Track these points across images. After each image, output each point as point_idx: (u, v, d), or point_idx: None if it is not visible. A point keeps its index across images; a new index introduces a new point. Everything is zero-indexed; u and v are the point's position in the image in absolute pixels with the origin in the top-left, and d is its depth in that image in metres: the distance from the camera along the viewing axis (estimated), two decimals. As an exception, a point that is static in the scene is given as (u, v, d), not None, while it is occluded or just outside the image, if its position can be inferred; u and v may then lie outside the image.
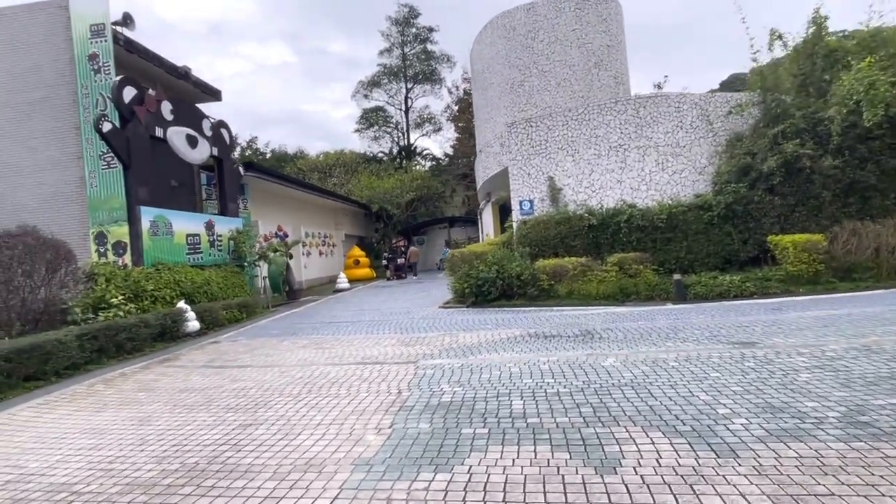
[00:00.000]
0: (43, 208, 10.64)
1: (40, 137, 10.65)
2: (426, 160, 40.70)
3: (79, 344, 7.38)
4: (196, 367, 7.09)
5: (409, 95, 38.45)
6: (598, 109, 13.39)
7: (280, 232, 19.82)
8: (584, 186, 13.26)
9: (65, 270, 8.42)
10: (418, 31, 37.56)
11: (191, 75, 13.40)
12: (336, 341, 8.23)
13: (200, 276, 11.41)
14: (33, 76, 10.65)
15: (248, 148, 40.84)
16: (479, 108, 23.10)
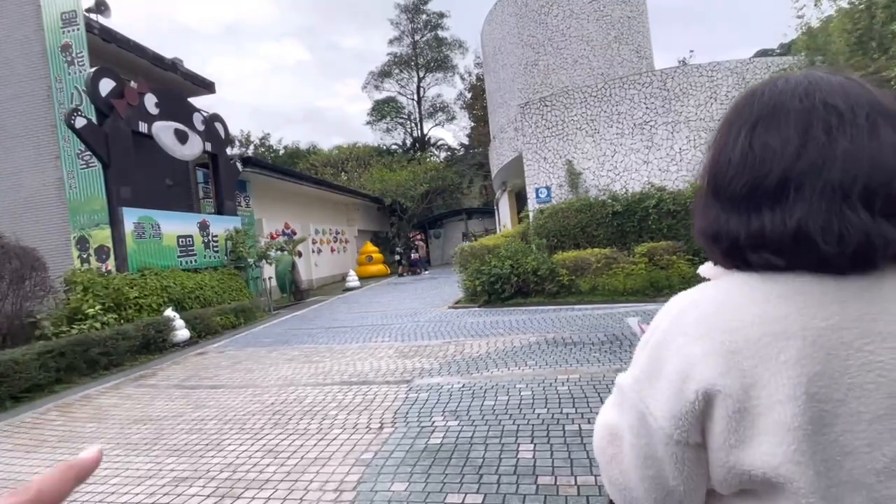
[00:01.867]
0: (21, 213, 9.99)
1: (14, 137, 9.98)
2: (441, 151, 39.63)
3: (40, 363, 6.60)
4: (167, 387, 6.26)
5: (420, 84, 37.34)
6: (620, 84, 12.12)
7: (287, 230, 19.05)
8: (606, 169, 12.04)
9: (32, 280, 7.66)
10: (429, 17, 36.36)
11: (179, 66, 12.60)
12: (328, 352, 7.31)
13: (192, 281, 10.62)
14: (4, 71, 9.96)
15: (261, 145, 40.39)
16: (492, 92, 21.90)
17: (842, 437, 0.56)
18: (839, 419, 0.56)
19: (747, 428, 0.58)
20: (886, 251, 0.56)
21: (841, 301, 0.57)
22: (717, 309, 0.62)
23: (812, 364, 0.56)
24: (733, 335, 0.59)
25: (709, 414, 0.60)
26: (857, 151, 0.57)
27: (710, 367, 0.59)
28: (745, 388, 0.58)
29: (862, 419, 0.56)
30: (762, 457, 0.57)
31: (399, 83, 37.37)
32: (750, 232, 0.61)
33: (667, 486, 0.65)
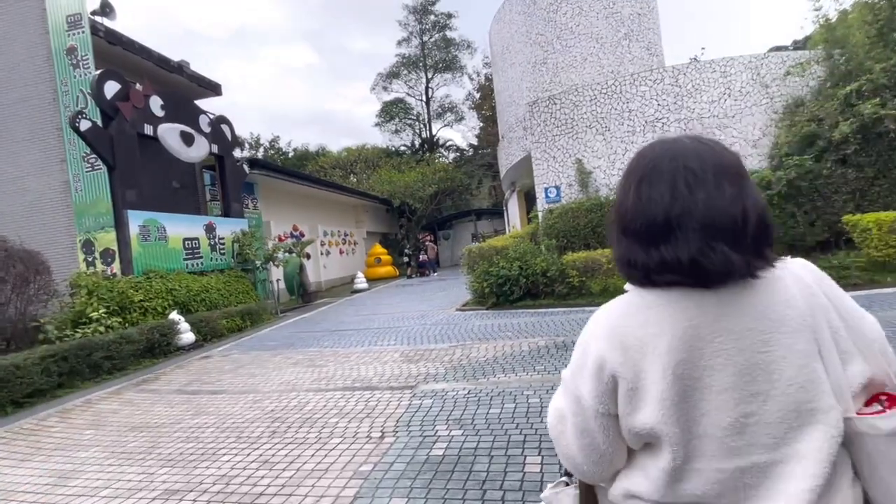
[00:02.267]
0: (28, 216, 9.98)
1: (20, 141, 9.97)
2: (450, 151, 39.45)
3: (42, 368, 6.53)
4: (168, 392, 6.15)
5: (429, 85, 37.20)
6: (631, 80, 11.87)
7: (296, 232, 19.00)
8: (616, 168, 11.78)
9: (36, 284, 7.60)
10: (437, 17, 36.22)
11: (185, 69, 12.57)
12: (332, 355, 7.16)
13: (198, 283, 10.55)
14: (10, 75, 9.96)
15: (270, 148, 40.53)
16: (500, 91, 21.70)
17: (699, 404, 0.78)
18: (697, 391, 0.78)
19: (637, 401, 0.82)
20: (736, 272, 0.78)
21: (701, 307, 0.79)
22: (618, 317, 0.86)
23: (678, 353, 0.78)
24: (627, 336, 0.83)
25: (616, 392, 0.84)
26: (710, 201, 0.78)
27: (614, 359, 0.83)
28: (636, 374, 0.81)
29: (713, 391, 0.78)
30: (644, 420, 0.81)
31: (407, 84, 37.30)
32: (655, 262, 0.81)
33: (599, 449, 0.88)
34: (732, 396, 0.78)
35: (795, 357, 0.78)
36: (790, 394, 0.77)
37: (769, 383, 0.78)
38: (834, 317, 0.83)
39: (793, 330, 0.79)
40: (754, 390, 0.78)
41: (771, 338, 0.78)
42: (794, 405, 0.77)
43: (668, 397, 0.79)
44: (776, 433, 0.77)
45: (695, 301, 0.80)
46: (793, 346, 0.78)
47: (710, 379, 0.78)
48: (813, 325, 0.80)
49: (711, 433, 0.78)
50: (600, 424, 0.87)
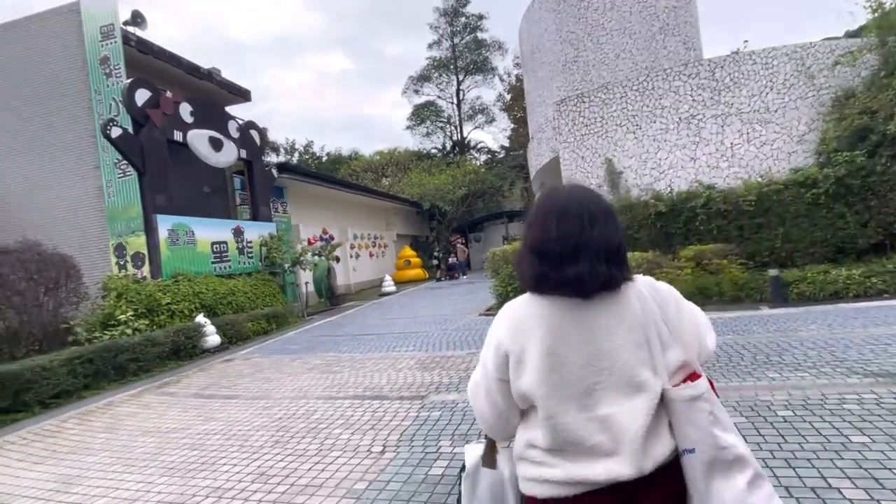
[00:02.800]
0: (65, 221, 10.34)
1: (59, 149, 10.35)
2: (481, 153, 39.17)
3: (69, 369, 6.67)
4: (185, 396, 6.16)
5: (460, 87, 37.06)
6: (664, 76, 11.36)
7: (325, 235, 19.15)
8: (649, 168, 11.30)
9: (67, 287, 7.82)
10: (468, 19, 36.06)
11: (215, 76, 12.82)
12: (349, 361, 7.05)
13: (224, 287, 10.69)
14: (49, 86, 10.35)
15: (305, 152, 41.25)
16: (530, 92, 21.33)
17: (563, 374, 1.11)
18: (562, 365, 1.11)
19: (521, 370, 1.15)
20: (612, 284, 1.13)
21: (569, 308, 1.13)
22: (514, 311, 1.22)
23: (549, 338, 1.12)
24: (517, 324, 1.17)
25: (507, 364, 1.17)
26: (603, 232, 1.13)
27: (507, 340, 1.18)
28: (521, 350, 1.15)
29: (574, 366, 1.11)
30: (524, 384, 1.14)
31: (438, 87, 37.27)
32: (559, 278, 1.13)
33: (499, 406, 1.21)
34: (586, 371, 1.11)
35: (629, 346, 1.11)
36: (625, 371, 1.11)
37: (611, 363, 1.11)
38: (659, 319, 1.15)
39: (630, 327, 1.12)
40: (600, 367, 1.11)
41: (614, 332, 1.12)
42: (627, 378, 1.11)
43: (541, 368, 1.11)
44: (616, 395, 1.10)
45: (566, 304, 1.14)
46: (628, 338, 1.12)
47: (572, 357, 1.11)
48: (644, 323, 1.13)
49: (571, 395, 1.11)
50: (499, 388, 1.20)
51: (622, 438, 1.08)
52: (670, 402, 1.12)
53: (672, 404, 1.12)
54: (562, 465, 1.11)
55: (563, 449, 1.11)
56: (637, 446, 1.07)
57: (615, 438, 1.08)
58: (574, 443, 1.10)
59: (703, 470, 1.08)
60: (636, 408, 1.10)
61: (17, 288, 7.16)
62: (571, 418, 1.10)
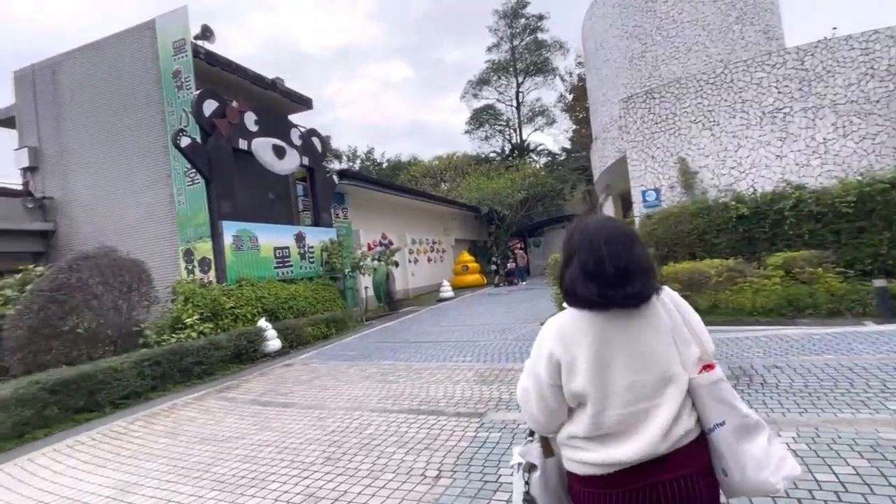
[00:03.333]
0: (141, 228, 10.88)
1: (136, 159, 10.91)
2: (541, 156, 38.32)
3: (137, 371, 6.90)
4: (244, 402, 6.17)
5: (519, 90, 36.48)
6: (745, 67, 10.44)
7: (384, 240, 19.27)
8: (728, 167, 10.41)
9: (139, 291, 8.14)
10: (527, 20, 35.49)
11: (279, 85, 13.15)
12: (405, 370, 6.84)
13: (286, 291, 10.85)
14: (128, 100, 10.96)
15: (366, 159, 42.13)
16: (594, 91, 20.54)
17: (609, 375, 1.31)
18: (608, 368, 1.32)
19: (572, 374, 1.34)
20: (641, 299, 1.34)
21: (612, 319, 1.34)
22: (561, 324, 1.41)
23: (595, 345, 1.33)
24: (566, 336, 1.37)
25: (560, 371, 1.37)
26: (642, 254, 1.37)
27: (558, 350, 1.37)
28: (572, 358, 1.34)
29: (617, 368, 1.32)
30: (576, 385, 1.33)
31: (497, 90, 36.88)
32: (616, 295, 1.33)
33: (551, 407, 1.41)
34: (627, 371, 1.34)
35: (661, 347, 1.36)
36: (659, 368, 1.35)
37: (647, 363, 1.35)
38: (680, 323, 1.41)
39: (659, 332, 1.38)
40: (639, 367, 1.34)
41: (648, 337, 1.36)
42: (661, 374, 1.34)
43: (590, 371, 1.33)
44: (653, 390, 1.34)
45: (605, 316, 1.36)
46: (659, 340, 1.37)
47: (615, 361, 1.34)
48: (671, 328, 1.39)
49: (616, 392, 1.33)
50: (552, 392, 1.41)
51: (649, 427, 1.31)
52: (697, 388, 1.36)
53: (698, 389, 1.36)
54: (597, 450, 1.33)
55: (603, 437, 1.34)
56: (660, 432, 1.29)
57: (644, 426, 1.31)
58: (611, 432, 1.33)
59: (734, 435, 1.34)
60: (669, 397, 1.33)
61: (95, 292, 7.51)
62: (615, 412, 1.32)
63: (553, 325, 1.44)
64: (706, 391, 1.35)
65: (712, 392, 1.35)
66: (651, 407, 1.32)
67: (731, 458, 1.34)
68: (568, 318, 1.41)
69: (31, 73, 12.10)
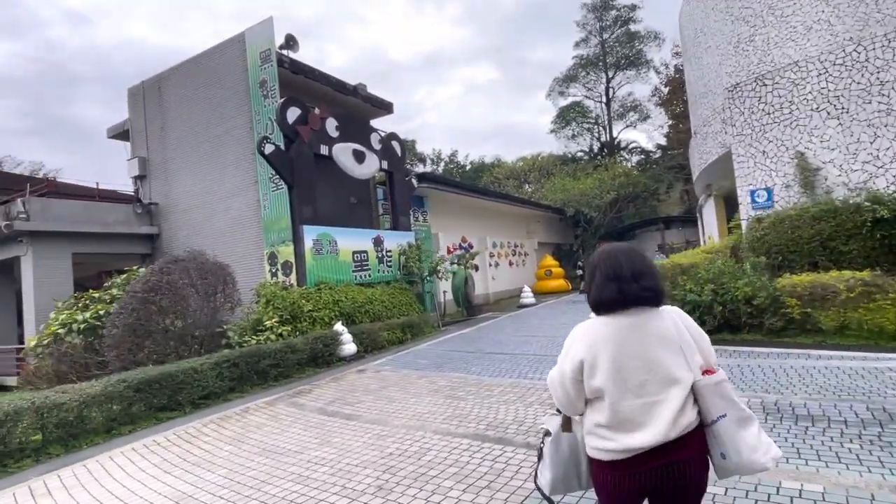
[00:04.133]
0: (231, 232, 11.43)
1: (227, 166, 11.50)
2: (632, 154, 36.19)
3: (216, 373, 7.10)
4: (311, 410, 6.09)
5: (609, 85, 34.70)
6: (884, 43, 8.83)
7: (464, 243, 18.99)
8: (860, 161, 8.86)
9: (223, 293, 8.45)
10: (618, 12, 33.67)
11: (360, 90, 13.31)
12: (476, 386, 6.42)
13: (363, 295, 10.87)
14: (222, 109, 11.59)
15: (449, 162, 42.29)
16: (693, 82, 18.83)
17: (624, 373, 1.63)
18: (624, 368, 1.64)
19: (593, 371, 1.66)
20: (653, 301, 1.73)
21: (626, 326, 1.69)
22: (587, 331, 1.74)
23: (614, 348, 1.65)
24: (591, 340, 1.69)
25: (582, 368, 1.69)
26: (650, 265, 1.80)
27: (583, 352, 1.69)
28: (594, 359, 1.66)
29: (631, 367, 1.64)
30: (597, 381, 1.65)
31: (586, 86, 35.36)
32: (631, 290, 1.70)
33: (571, 396, 1.74)
34: (639, 371, 1.65)
35: (668, 354, 1.66)
36: (665, 371, 1.64)
37: (656, 365, 1.65)
38: (687, 336, 1.71)
39: (667, 341, 1.68)
40: (649, 368, 1.65)
41: (657, 345, 1.67)
42: (667, 375, 1.64)
43: (610, 370, 1.65)
44: (659, 388, 1.63)
45: (622, 322, 1.70)
46: (666, 349, 1.67)
47: (630, 362, 1.65)
48: (677, 339, 1.69)
49: (630, 388, 1.64)
50: (573, 385, 1.74)
51: (659, 418, 1.62)
52: (703, 388, 1.68)
53: (703, 389, 1.68)
54: (618, 439, 1.65)
55: (618, 425, 1.66)
56: (669, 421, 1.61)
57: (654, 417, 1.63)
58: (627, 421, 1.65)
59: (735, 426, 1.67)
60: (673, 395, 1.64)
61: (183, 293, 7.87)
62: (628, 404, 1.65)
63: (580, 331, 1.80)
64: (710, 390, 1.67)
65: (716, 391, 1.68)
66: (659, 401, 1.64)
67: (731, 444, 1.66)
68: (593, 326, 1.77)
69: (141, 89, 13.25)
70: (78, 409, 5.62)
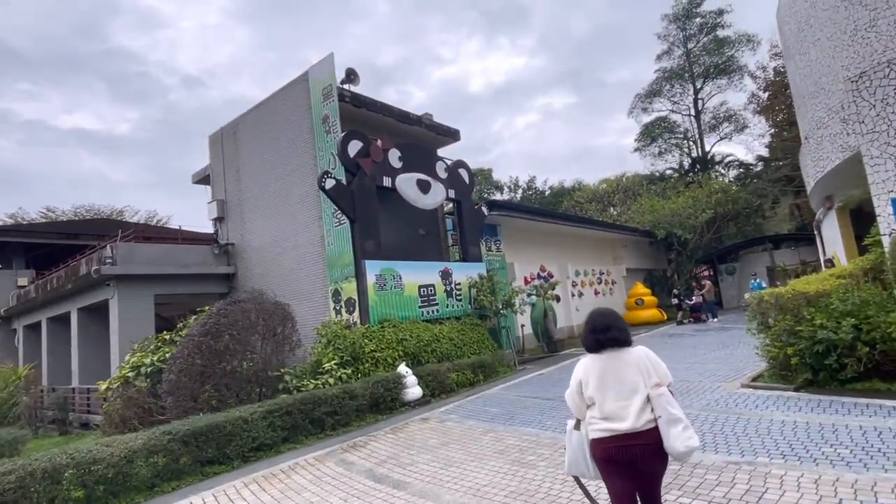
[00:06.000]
0: (298, 269, 11.31)
1: (294, 204, 11.47)
2: (729, 168, 33.02)
3: (268, 422, 6.62)
4: (357, 473, 5.36)
5: (697, 97, 32.18)
6: None
7: (543, 273, 17.81)
8: None
9: (282, 334, 8.10)
10: (704, 19, 31.40)
11: (425, 120, 12.94)
12: (550, 447, 5.38)
13: (429, 333, 10.15)
14: (289, 148, 11.67)
15: (527, 188, 41.27)
16: (798, 82, 16.60)
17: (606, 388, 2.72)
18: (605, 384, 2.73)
19: (587, 387, 2.78)
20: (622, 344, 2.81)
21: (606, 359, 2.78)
22: (583, 363, 2.89)
23: (598, 373, 2.76)
24: (584, 368, 2.84)
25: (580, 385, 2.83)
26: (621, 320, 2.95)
27: (580, 375, 2.85)
28: (586, 378, 2.80)
29: (610, 383, 2.72)
30: (588, 393, 2.77)
31: (671, 100, 33.08)
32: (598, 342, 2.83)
33: (577, 403, 2.87)
34: (615, 386, 2.67)
35: (634, 375, 2.68)
36: (632, 385, 2.65)
37: (626, 382, 2.67)
38: (646, 362, 2.72)
39: (634, 367, 2.70)
40: (620, 385, 2.67)
41: (627, 370, 2.70)
42: (631, 388, 2.65)
43: (596, 386, 2.70)
44: (627, 395, 2.64)
45: (602, 358, 2.75)
46: (634, 371, 2.68)
47: (608, 382, 2.69)
48: (640, 365, 2.70)
49: (609, 396, 2.66)
50: (577, 396, 2.81)
51: (630, 414, 2.59)
52: (651, 396, 2.62)
53: (651, 397, 2.62)
54: (604, 424, 2.64)
55: (605, 418, 2.65)
56: (635, 416, 2.58)
57: (627, 413, 2.59)
58: (609, 415, 2.63)
59: (665, 424, 2.56)
60: (635, 400, 2.61)
61: (240, 337, 7.60)
62: (609, 405, 2.65)
63: (580, 364, 2.90)
64: (655, 399, 2.63)
65: (658, 400, 2.62)
66: (627, 404, 2.64)
67: (665, 436, 2.58)
68: (586, 360, 2.87)
69: (220, 135, 13.86)
70: (119, 465, 5.31)
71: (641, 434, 2.55)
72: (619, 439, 2.58)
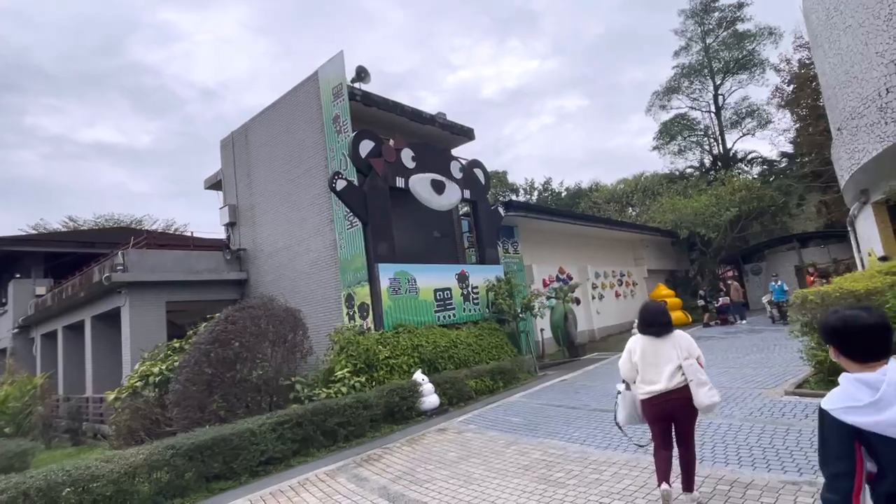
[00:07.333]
0: (310, 274, 11.01)
1: (305, 207, 11.19)
2: (752, 165, 32.04)
3: (277, 435, 6.28)
4: (371, 490, 4.97)
5: (718, 92, 31.32)
6: None
7: (562, 275, 17.28)
8: None
9: (292, 341, 7.77)
10: (722, 13, 30.60)
11: (438, 119, 12.58)
12: (580, 463, 4.92)
13: (446, 338, 9.75)
14: (300, 150, 11.40)
15: (544, 190, 40.69)
16: (828, 72, 15.85)
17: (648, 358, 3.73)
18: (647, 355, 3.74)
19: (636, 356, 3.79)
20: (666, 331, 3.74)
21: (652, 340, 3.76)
22: (635, 339, 3.92)
23: (643, 347, 3.78)
24: (635, 343, 3.87)
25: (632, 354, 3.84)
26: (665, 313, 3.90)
27: (632, 348, 3.87)
28: (634, 351, 3.82)
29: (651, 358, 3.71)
30: (636, 359, 3.79)
31: (690, 97, 32.25)
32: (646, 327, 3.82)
33: (628, 368, 3.86)
34: (654, 356, 3.68)
35: (668, 349, 3.65)
36: (668, 357, 3.63)
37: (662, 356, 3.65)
38: (684, 344, 3.66)
39: (671, 345, 3.66)
40: (659, 357, 3.66)
41: (666, 346, 3.67)
42: (666, 359, 3.62)
43: (642, 357, 3.73)
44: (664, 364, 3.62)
45: (649, 338, 3.76)
46: (669, 347, 3.66)
47: (650, 355, 3.70)
48: (675, 344, 3.66)
49: (650, 364, 3.69)
50: (630, 362, 3.81)
51: (663, 378, 3.55)
52: (682, 365, 3.54)
53: (684, 367, 3.52)
54: (645, 388, 3.64)
55: (646, 381, 3.64)
56: (667, 379, 3.53)
57: (660, 378, 3.56)
58: (649, 380, 3.62)
59: (695, 386, 3.47)
60: (669, 368, 3.55)
61: (248, 345, 7.29)
62: (650, 372, 3.63)
63: (632, 340, 3.86)
64: (686, 367, 3.50)
65: (688, 368, 3.50)
66: (662, 371, 3.56)
67: (694, 394, 3.44)
68: (637, 338, 3.80)
69: (231, 140, 13.68)
70: (119, 482, 5.00)
71: (673, 392, 3.50)
72: (659, 397, 3.55)
